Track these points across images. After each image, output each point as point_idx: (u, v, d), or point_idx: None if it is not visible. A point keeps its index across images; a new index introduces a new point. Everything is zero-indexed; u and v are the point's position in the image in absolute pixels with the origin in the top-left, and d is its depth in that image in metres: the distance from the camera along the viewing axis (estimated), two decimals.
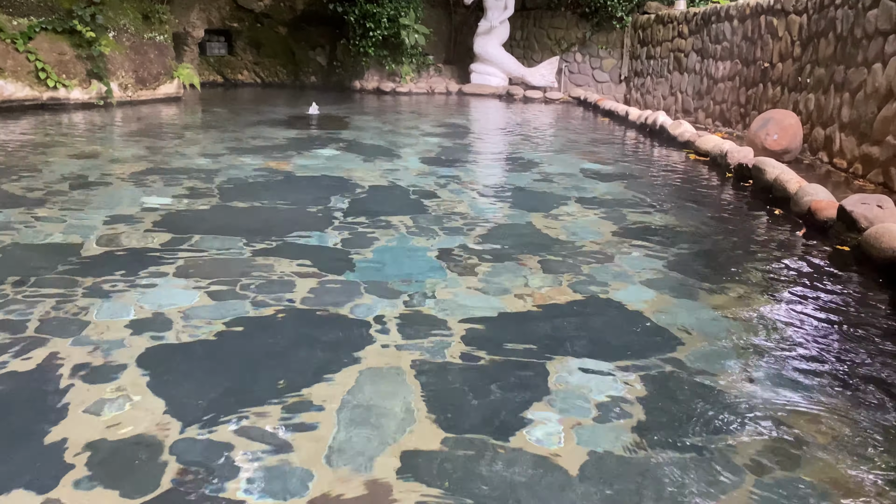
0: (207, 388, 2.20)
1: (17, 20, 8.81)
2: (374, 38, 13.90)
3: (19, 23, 8.81)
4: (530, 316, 2.88)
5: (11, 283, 3.00)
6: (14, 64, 8.72)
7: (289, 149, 6.93)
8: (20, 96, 8.85)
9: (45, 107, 9.12)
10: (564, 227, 4.31)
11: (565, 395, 2.22)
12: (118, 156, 6.21)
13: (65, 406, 2.05)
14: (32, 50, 8.86)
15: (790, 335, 2.74)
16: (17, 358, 2.34)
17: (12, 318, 2.66)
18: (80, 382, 2.20)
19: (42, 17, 9.04)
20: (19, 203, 4.36)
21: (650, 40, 13.59)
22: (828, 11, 7.05)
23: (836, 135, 6.56)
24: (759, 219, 4.73)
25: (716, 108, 10.26)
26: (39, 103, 9.08)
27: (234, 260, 3.45)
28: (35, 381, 2.21)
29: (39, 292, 2.93)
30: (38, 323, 2.63)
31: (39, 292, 2.93)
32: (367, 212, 4.50)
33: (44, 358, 2.35)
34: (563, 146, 8.01)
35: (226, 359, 2.42)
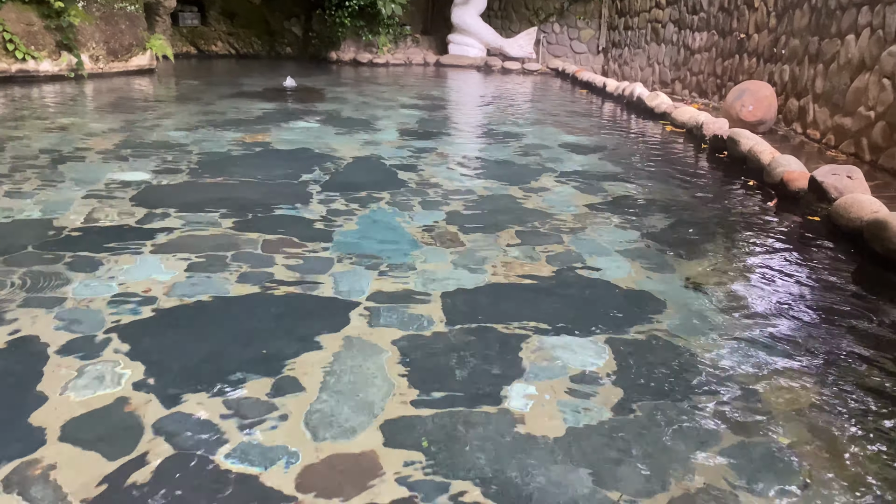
0: (188, 360, 2.22)
1: None
2: (350, 9, 13.71)
3: None
4: (509, 288, 2.92)
5: None
6: None
7: (266, 122, 6.87)
8: None
9: (13, 79, 8.91)
10: (543, 199, 4.34)
11: (543, 365, 2.27)
12: (92, 129, 6.12)
13: (45, 380, 2.06)
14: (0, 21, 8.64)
15: (762, 303, 2.82)
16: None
17: None
18: (61, 357, 2.21)
19: None
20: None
21: (628, 11, 13.56)
22: None
23: (810, 106, 6.65)
24: (733, 190, 4.81)
25: (693, 80, 10.31)
26: (8, 76, 8.86)
27: (213, 234, 3.45)
28: (15, 356, 2.21)
29: (17, 268, 2.91)
30: (16, 299, 2.62)
31: (17, 268, 2.91)
32: (345, 185, 4.50)
33: (23, 333, 2.35)
34: (541, 118, 8.02)
35: (206, 332, 2.44)
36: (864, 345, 2.47)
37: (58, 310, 2.55)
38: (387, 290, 2.84)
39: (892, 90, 5.19)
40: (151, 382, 2.07)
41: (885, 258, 3.19)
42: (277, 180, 4.57)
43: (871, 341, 2.50)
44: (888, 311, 2.79)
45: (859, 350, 2.43)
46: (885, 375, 2.25)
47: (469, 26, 14.95)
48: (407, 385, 2.12)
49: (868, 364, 2.33)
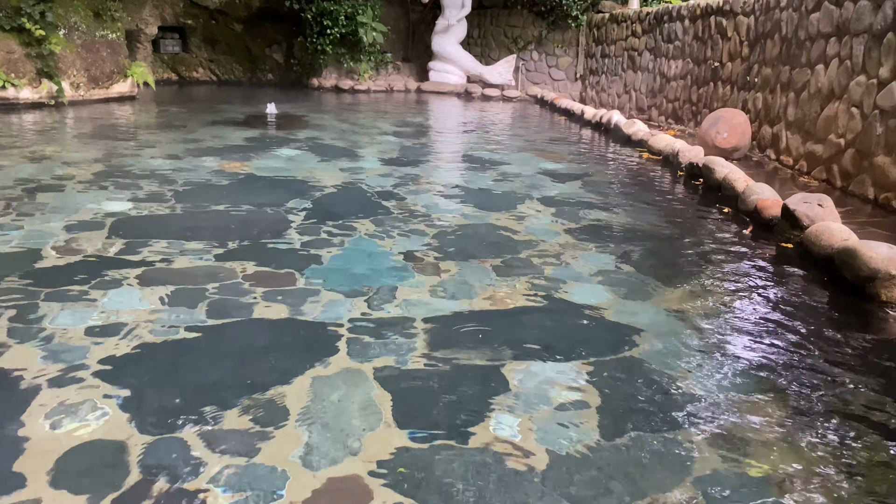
0: (170, 392, 2.23)
1: None
2: (331, 36, 13.83)
3: None
4: (490, 316, 2.96)
5: None
6: None
7: (247, 150, 6.89)
8: None
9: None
10: (523, 226, 4.40)
11: (525, 393, 2.31)
12: (72, 158, 6.10)
13: (27, 413, 2.06)
14: None
15: (738, 330, 2.88)
16: None
17: None
18: (42, 389, 2.20)
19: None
20: None
21: (605, 39, 13.82)
22: (773, 13, 7.30)
23: (783, 133, 6.81)
24: (709, 217, 4.90)
25: (669, 106, 10.52)
26: None
27: (194, 265, 3.45)
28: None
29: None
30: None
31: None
32: (328, 213, 4.53)
33: (4, 366, 2.34)
34: (521, 145, 8.13)
35: (187, 363, 2.44)
36: (836, 370, 2.53)
37: (37, 342, 2.54)
38: (369, 318, 2.87)
39: (860, 119, 5.35)
40: (134, 415, 2.07)
41: (854, 285, 3.27)
42: (259, 209, 4.59)
43: (844, 366, 2.56)
44: (859, 336, 2.86)
45: (832, 375, 2.49)
46: (857, 399, 2.31)
47: (449, 54, 15.14)
48: (391, 413, 2.14)
49: (842, 388, 2.39)
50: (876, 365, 2.60)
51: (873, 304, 3.18)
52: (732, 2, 8.50)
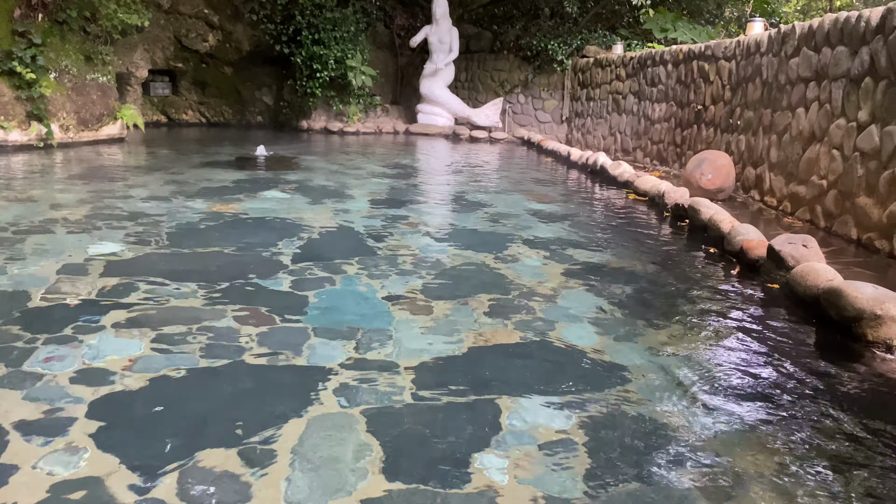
0: (159, 437, 2.19)
1: None
2: (321, 79, 14.02)
3: None
4: (480, 357, 2.95)
5: None
6: None
7: (237, 191, 6.92)
8: None
9: None
10: (512, 267, 4.42)
11: (515, 434, 2.30)
12: (61, 200, 6.09)
13: (12, 462, 2.02)
14: None
15: (726, 370, 2.89)
16: None
17: None
18: (28, 437, 2.16)
19: None
20: None
21: (590, 82, 14.10)
22: (754, 58, 7.50)
23: (766, 174, 6.94)
24: (696, 257, 4.95)
25: (653, 148, 10.69)
26: None
27: (184, 307, 3.43)
28: None
29: None
30: None
31: None
32: (317, 255, 4.53)
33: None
34: (509, 186, 8.21)
35: (177, 408, 2.42)
36: (825, 409, 2.54)
37: (23, 386, 2.51)
38: (359, 360, 2.85)
39: (841, 161, 5.46)
40: (121, 461, 2.04)
41: (841, 325, 3.30)
42: (249, 251, 4.59)
43: (832, 406, 2.57)
44: (846, 376, 2.88)
45: (821, 414, 2.50)
46: (846, 438, 2.32)
47: (437, 97, 15.37)
48: (381, 457, 2.11)
49: (830, 428, 2.40)
50: (865, 405, 2.62)
51: (860, 343, 3.20)
52: (714, 47, 8.72)
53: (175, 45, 14.42)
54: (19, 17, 9.42)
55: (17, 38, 9.27)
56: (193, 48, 14.61)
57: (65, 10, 9.85)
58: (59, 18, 9.85)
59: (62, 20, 9.87)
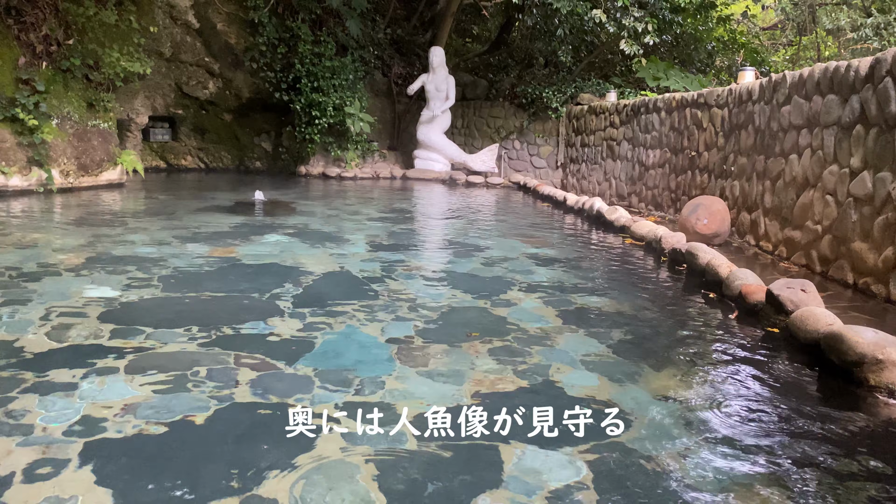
0: (156, 485, 2.16)
1: None
2: (319, 126, 14.20)
3: None
4: (481, 401, 2.93)
5: None
6: None
7: (235, 236, 6.94)
8: None
9: None
10: (511, 311, 4.42)
11: (517, 481, 2.27)
12: (60, 245, 6.10)
13: None
14: None
15: (727, 415, 2.87)
16: None
17: None
18: (23, 484, 2.13)
19: None
20: None
21: (584, 129, 14.31)
22: (746, 106, 7.64)
23: (761, 219, 7.00)
24: (694, 302, 4.96)
25: (648, 193, 10.80)
26: None
27: (182, 352, 3.42)
28: None
29: None
30: None
31: None
32: (316, 299, 4.53)
33: None
34: (505, 231, 8.26)
35: (174, 455, 2.39)
36: (827, 454, 2.52)
37: (20, 433, 2.48)
38: (359, 405, 2.82)
39: (835, 206, 5.53)
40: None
41: (842, 369, 3.30)
42: (247, 296, 4.59)
43: (835, 450, 2.56)
44: (848, 420, 2.87)
45: (823, 459, 2.48)
46: (851, 484, 2.29)
47: (434, 143, 15.56)
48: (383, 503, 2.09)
49: (833, 472, 2.38)
50: (869, 450, 2.60)
51: (862, 388, 3.19)
52: (706, 94, 8.90)
53: (176, 91, 14.63)
54: (23, 65, 9.58)
55: (20, 86, 9.41)
56: (194, 95, 14.82)
57: (68, 58, 10.02)
58: (62, 66, 10.02)
59: (66, 68, 10.04)
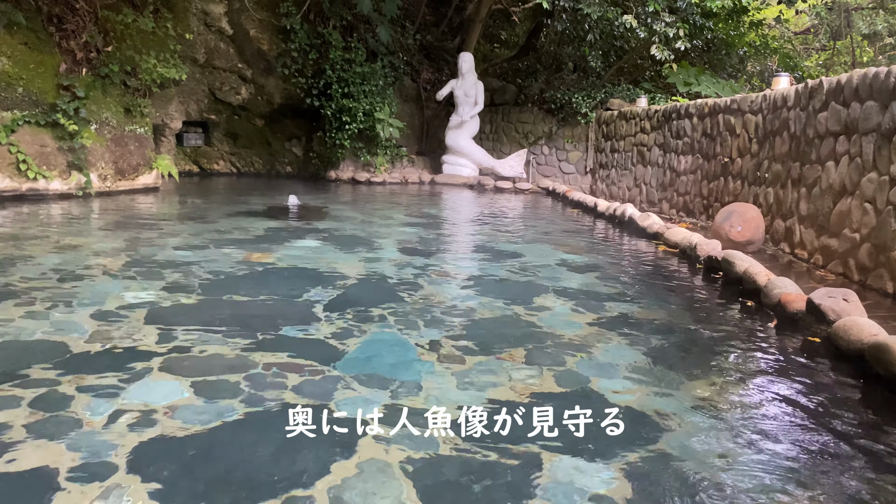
0: (201, 487, 2.21)
1: (1, 113, 8.95)
2: (349, 131, 14.32)
3: (3, 116, 8.95)
4: (517, 408, 2.94)
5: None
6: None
7: (269, 240, 7.03)
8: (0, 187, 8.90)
9: (24, 198, 9.14)
10: (544, 318, 4.41)
11: (555, 488, 2.27)
12: (100, 248, 6.23)
13: None
14: (14, 142, 8.97)
15: (769, 424, 2.84)
16: (3, 461, 2.32)
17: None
18: (71, 484, 2.19)
19: (26, 111, 9.19)
20: (2, 298, 4.34)
21: (614, 135, 14.24)
22: (781, 112, 7.55)
23: (796, 227, 6.90)
24: (731, 310, 4.91)
25: (679, 200, 10.70)
26: (18, 194, 9.11)
27: (221, 355, 3.47)
28: (24, 485, 2.19)
29: (26, 391, 2.91)
30: (25, 423, 2.61)
31: (26, 391, 2.91)
32: (350, 303, 4.57)
33: (32, 459, 2.33)
34: (536, 236, 8.24)
35: (218, 456, 2.43)
36: (871, 466, 2.48)
37: (67, 434, 2.54)
38: (395, 409, 2.85)
39: (874, 214, 5.43)
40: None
41: (888, 380, 3.24)
42: (283, 299, 4.65)
43: (879, 463, 2.51)
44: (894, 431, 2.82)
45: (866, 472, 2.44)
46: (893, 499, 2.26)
47: (462, 148, 15.60)
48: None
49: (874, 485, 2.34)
50: None
51: None
52: (740, 100, 8.80)
53: (209, 97, 14.87)
54: (64, 71, 9.82)
55: (61, 92, 9.64)
56: (226, 100, 15.04)
57: (107, 64, 10.25)
58: (101, 73, 10.24)
59: (104, 74, 10.26)
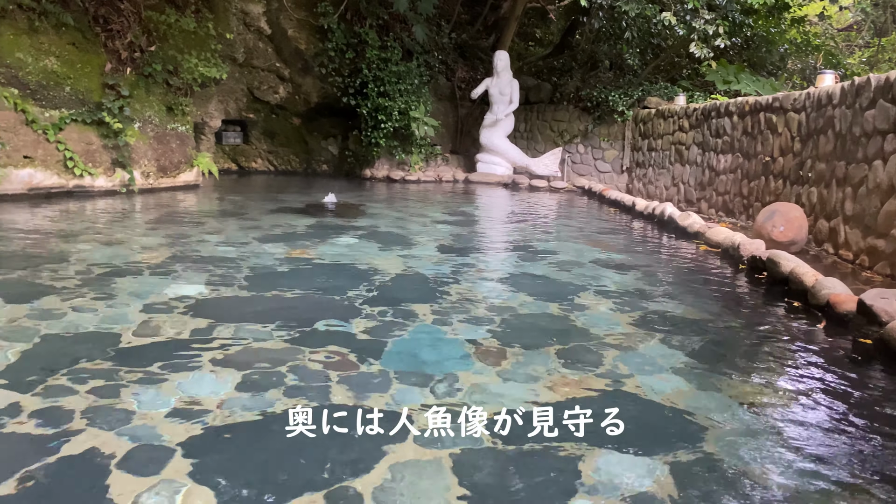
0: (250, 477, 2.25)
1: (50, 112, 9.20)
2: (385, 130, 14.41)
3: (51, 114, 9.21)
4: (559, 406, 2.93)
5: (51, 374, 3.07)
6: (44, 153, 9.05)
7: (309, 237, 7.11)
8: (48, 184, 9.15)
9: (70, 194, 9.40)
10: (584, 316, 4.39)
11: (598, 486, 2.27)
12: (144, 243, 6.38)
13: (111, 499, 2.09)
14: (62, 140, 9.22)
15: (816, 426, 2.79)
16: (59, 449, 2.39)
17: (53, 408, 2.72)
18: (124, 473, 2.25)
19: (73, 110, 9.44)
20: (53, 292, 4.47)
21: (651, 133, 14.08)
22: (826, 110, 7.38)
23: (841, 227, 6.75)
24: (776, 310, 4.82)
25: (718, 199, 10.54)
26: (65, 191, 9.36)
27: (266, 348, 3.53)
28: (79, 472, 2.26)
29: (79, 382, 2.99)
30: (79, 413, 2.69)
31: (79, 382, 2.99)
32: (390, 299, 4.60)
33: (86, 448, 2.40)
34: (573, 235, 8.20)
35: (264, 447, 2.48)
36: None
37: (119, 423, 2.61)
38: (438, 405, 2.87)
39: None
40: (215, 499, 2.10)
41: None
42: (324, 294, 4.70)
43: None
44: None
45: None
46: None
47: (497, 146, 15.58)
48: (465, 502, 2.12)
49: None
50: None
51: None
52: (782, 99, 8.63)
53: (247, 96, 15.08)
54: (109, 71, 10.05)
55: (106, 91, 9.89)
56: (264, 99, 15.25)
57: (150, 63, 10.47)
58: (145, 72, 10.47)
59: (148, 73, 10.49)
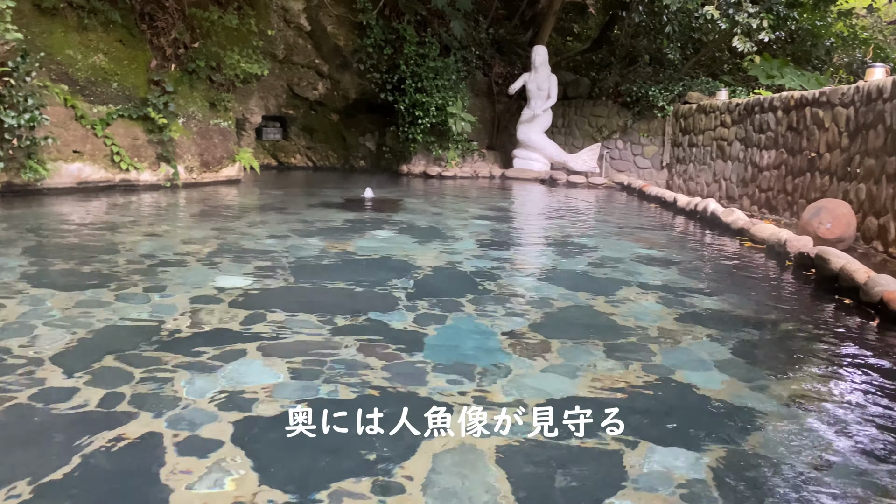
0: (299, 463, 2.30)
1: (98, 108, 9.46)
2: (422, 126, 14.45)
3: (99, 110, 9.46)
4: (603, 399, 2.92)
5: (103, 362, 3.16)
6: (92, 148, 9.31)
7: (348, 230, 7.18)
8: (95, 178, 9.41)
9: (116, 188, 9.65)
10: (625, 311, 4.36)
11: (644, 478, 2.26)
12: (190, 236, 6.51)
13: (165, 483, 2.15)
14: (109, 135, 9.46)
15: (869, 423, 2.73)
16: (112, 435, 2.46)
17: (108, 395, 2.80)
18: (177, 458, 2.30)
19: (119, 105, 9.69)
20: (104, 282, 4.59)
21: (692, 129, 13.85)
22: (876, 104, 7.18)
23: (891, 224, 6.56)
24: (826, 307, 4.72)
25: (761, 196, 10.33)
26: (111, 185, 9.62)
27: (310, 339, 3.58)
28: (133, 458, 2.32)
29: (130, 370, 3.07)
30: (131, 400, 2.76)
31: (130, 370, 3.07)
32: (430, 292, 4.62)
33: (140, 435, 2.47)
34: (613, 231, 8.13)
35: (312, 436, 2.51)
36: None
37: (172, 409, 2.68)
38: (480, 396, 2.88)
39: None
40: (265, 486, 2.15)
41: None
42: (366, 287, 4.74)
43: None
44: None
45: None
46: None
47: (534, 142, 15.50)
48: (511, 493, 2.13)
49: None
50: None
51: None
52: (829, 93, 8.42)
53: (287, 92, 15.27)
54: (155, 67, 10.28)
55: (152, 87, 10.12)
56: (304, 96, 15.42)
57: (194, 60, 10.68)
58: (188, 68, 10.69)
59: (191, 70, 10.70)
